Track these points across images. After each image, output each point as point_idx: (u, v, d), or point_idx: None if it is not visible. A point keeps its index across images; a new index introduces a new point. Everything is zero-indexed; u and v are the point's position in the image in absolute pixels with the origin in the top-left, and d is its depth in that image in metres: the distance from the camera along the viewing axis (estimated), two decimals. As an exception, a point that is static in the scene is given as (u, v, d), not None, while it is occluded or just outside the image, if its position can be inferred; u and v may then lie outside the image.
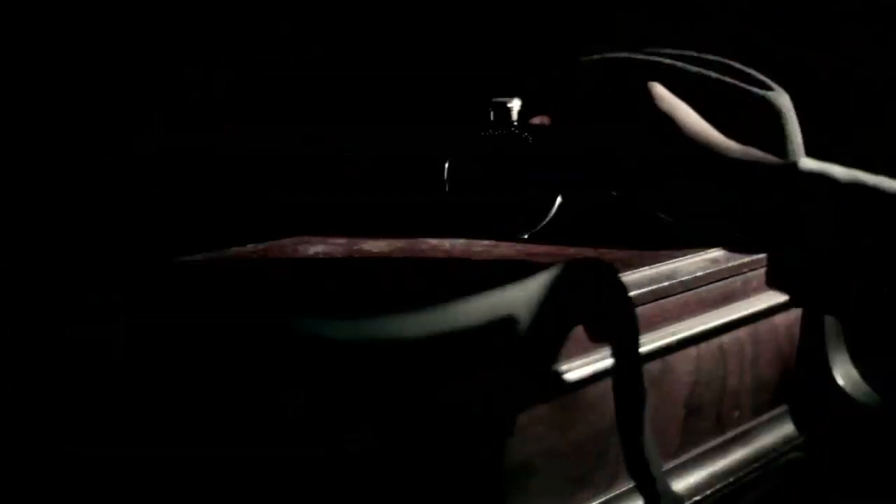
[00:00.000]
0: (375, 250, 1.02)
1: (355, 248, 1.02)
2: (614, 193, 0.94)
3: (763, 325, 1.10)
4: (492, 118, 0.97)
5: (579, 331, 0.89)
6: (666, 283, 0.98)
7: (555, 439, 0.90)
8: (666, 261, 0.99)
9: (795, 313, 1.15)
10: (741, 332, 1.08)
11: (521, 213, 0.97)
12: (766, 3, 1.55)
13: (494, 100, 0.97)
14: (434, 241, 1.04)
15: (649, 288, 0.96)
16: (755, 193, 0.86)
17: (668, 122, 0.89)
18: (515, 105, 0.97)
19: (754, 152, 0.88)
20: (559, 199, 0.96)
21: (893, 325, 0.85)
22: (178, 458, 0.74)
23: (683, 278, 1.00)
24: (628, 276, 0.95)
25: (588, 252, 1.00)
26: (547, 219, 0.97)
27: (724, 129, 0.93)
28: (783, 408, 1.15)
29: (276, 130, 1.51)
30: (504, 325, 0.82)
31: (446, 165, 0.97)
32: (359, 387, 0.77)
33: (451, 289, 0.85)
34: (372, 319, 0.79)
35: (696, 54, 1.02)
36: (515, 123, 0.96)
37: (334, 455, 0.75)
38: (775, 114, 0.98)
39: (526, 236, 0.98)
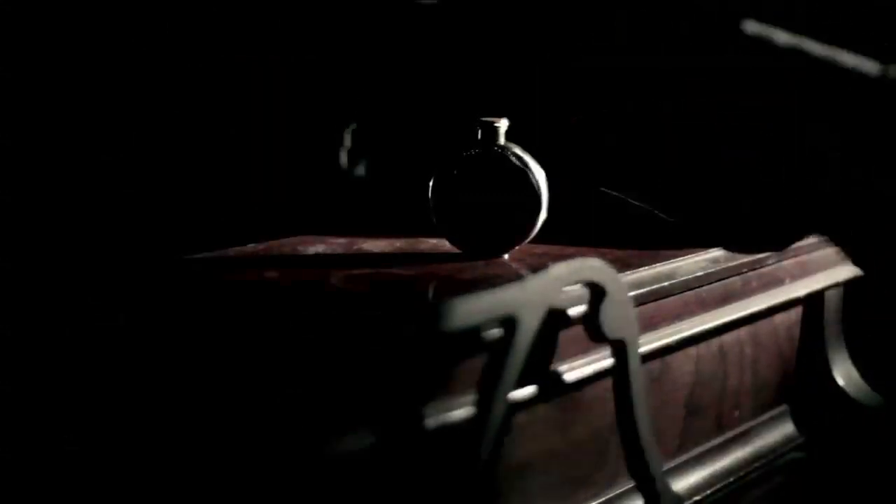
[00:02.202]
0: (375, 250, 1.02)
1: (355, 248, 1.02)
2: (606, 191, 0.94)
3: (763, 325, 1.10)
4: (479, 137, 0.97)
5: (579, 331, 0.89)
6: (666, 283, 0.98)
7: (555, 439, 0.90)
8: (666, 261, 0.99)
9: (795, 313, 1.15)
10: (741, 332, 1.08)
11: (503, 233, 0.98)
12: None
13: (482, 119, 0.97)
14: (434, 241, 1.04)
15: (649, 288, 0.96)
16: None
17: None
18: (503, 125, 0.97)
19: None
20: (541, 220, 0.97)
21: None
22: (177, 458, 0.74)
23: (683, 278, 1.00)
24: (628, 276, 0.95)
25: (588, 252, 1.00)
26: (528, 238, 0.97)
27: None
28: (783, 408, 1.15)
29: (275, 130, 1.51)
30: (504, 325, 0.82)
31: (430, 184, 0.98)
32: (358, 387, 0.77)
33: (451, 289, 0.85)
34: (372, 319, 0.80)
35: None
36: (502, 143, 0.97)
37: (333, 455, 0.75)
38: None
39: (506, 256, 0.98)
